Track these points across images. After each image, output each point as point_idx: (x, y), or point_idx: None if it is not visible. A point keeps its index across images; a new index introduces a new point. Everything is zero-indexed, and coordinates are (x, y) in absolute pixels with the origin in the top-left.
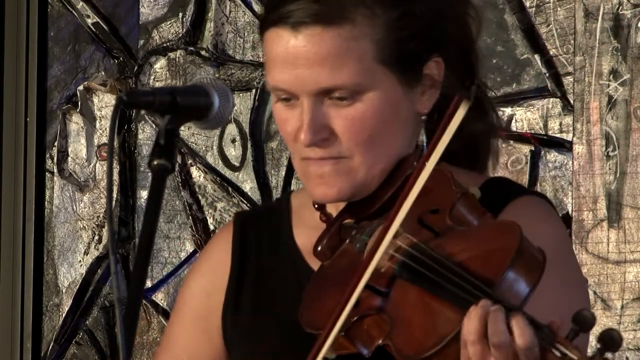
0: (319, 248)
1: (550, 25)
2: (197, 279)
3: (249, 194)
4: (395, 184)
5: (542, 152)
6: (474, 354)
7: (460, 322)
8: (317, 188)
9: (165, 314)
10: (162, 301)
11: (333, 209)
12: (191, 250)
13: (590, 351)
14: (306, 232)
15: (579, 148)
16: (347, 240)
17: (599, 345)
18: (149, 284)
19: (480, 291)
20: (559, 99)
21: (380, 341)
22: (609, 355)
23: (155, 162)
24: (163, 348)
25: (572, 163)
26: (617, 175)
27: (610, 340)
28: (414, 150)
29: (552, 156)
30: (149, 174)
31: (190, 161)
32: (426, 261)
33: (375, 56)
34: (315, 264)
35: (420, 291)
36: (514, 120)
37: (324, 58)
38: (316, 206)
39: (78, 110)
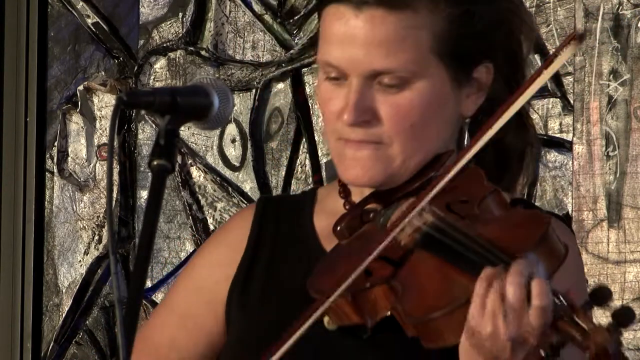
0: (339, 227)
1: (550, 25)
2: (212, 249)
3: (249, 194)
4: (424, 178)
5: (542, 152)
6: (491, 303)
7: (473, 288)
8: (350, 170)
9: None
10: None
11: (358, 199)
12: (191, 250)
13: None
14: (326, 218)
15: (579, 148)
16: (370, 220)
17: (612, 321)
18: (149, 284)
19: (501, 262)
20: (559, 99)
21: (387, 312)
22: (621, 330)
23: (155, 162)
24: (162, 307)
25: (572, 163)
26: (617, 175)
27: (625, 315)
28: (450, 150)
29: (552, 156)
30: (149, 174)
31: (190, 161)
32: (451, 232)
33: (432, 47)
34: (330, 247)
35: (439, 261)
36: None
37: (382, 41)
38: (342, 194)
39: (78, 110)
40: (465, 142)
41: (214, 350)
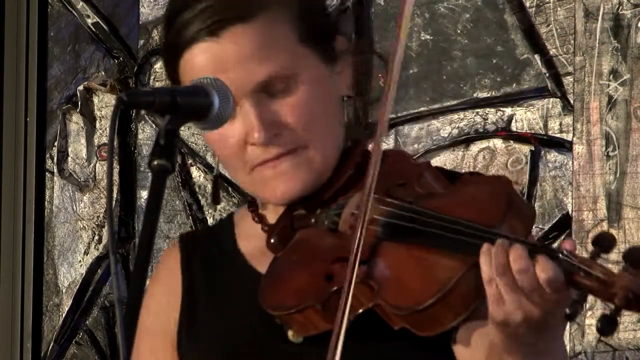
0: (272, 240)
1: (550, 25)
2: (151, 301)
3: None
4: (344, 174)
5: (542, 152)
6: (503, 288)
7: (461, 268)
8: (278, 188)
9: None
10: None
11: (273, 220)
12: None
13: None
14: (249, 241)
15: (579, 148)
16: (306, 227)
17: (625, 263)
18: (148, 284)
19: (484, 232)
20: (559, 99)
21: (367, 305)
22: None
23: (155, 162)
24: None
25: (572, 163)
26: (617, 175)
27: (635, 255)
28: (356, 145)
29: (552, 156)
30: (149, 174)
31: (190, 161)
32: (414, 216)
33: (296, 37)
34: (261, 267)
35: (410, 247)
36: (514, 120)
37: (252, 52)
38: (256, 219)
39: (78, 110)
40: (345, 118)
41: None
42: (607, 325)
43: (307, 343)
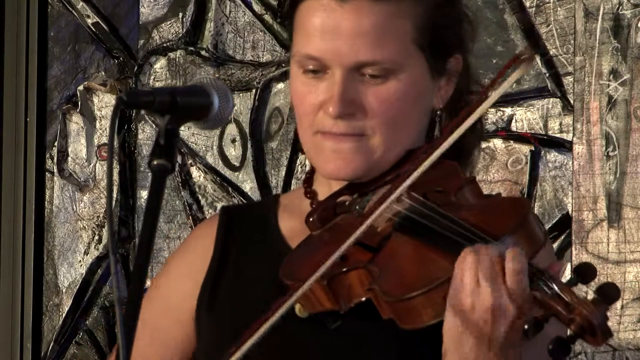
0: (311, 219)
1: (550, 25)
2: (178, 262)
3: (249, 194)
4: (398, 171)
5: (542, 152)
6: (467, 277)
7: (453, 270)
8: (330, 162)
9: None
10: None
11: (323, 197)
12: None
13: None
14: (292, 219)
15: (579, 148)
16: (345, 210)
17: (595, 296)
18: (149, 284)
19: (480, 238)
20: (559, 99)
21: (363, 297)
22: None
23: (155, 162)
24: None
25: (572, 163)
26: (617, 175)
27: (609, 291)
28: (422, 146)
29: (552, 156)
30: (149, 174)
31: (190, 161)
32: (429, 214)
33: (414, 38)
34: None
35: (417, 243)
36: (514, 120)
37: (367, 32)
38: (308, 195)
39: (78, 110)
40: (436, 134)
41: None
42: (559, 348)
43: (312, 320)
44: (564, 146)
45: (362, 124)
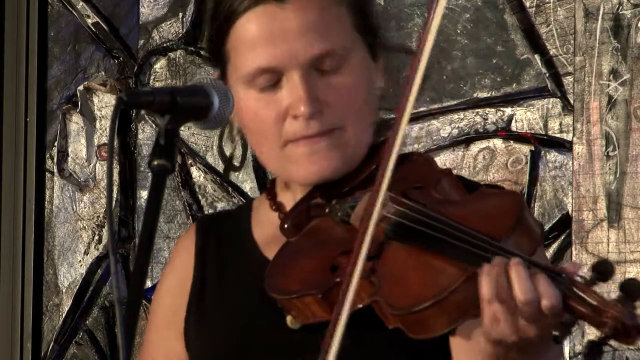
0: (286, 225)
1: (550, 25)
2: (165, 282)
3: (249, 194)
4: (367, 169)
5: (542, 152)
6: (501, 311)
7: (462, 276)
8: (310, 167)
9: None
10: None
11: (290, 206)
12: None
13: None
14: (263, 228)
15: (579, 148)
16: (321, 215)
17: (620, 294)
18: (149, 284)
19: (489, 245)
20: (559, 99)
21: (360, 305)
22: (636, 303)
23: (155, 162)
24: (143, 353)
25: (572, 163)
26: (617, 175)
27: (632, 288)
28: (382, 143)
29: (552, 156)
30: (149, 174)
31: (190, 161)
32: (423, 219)
33: (352, 22)
34: (272, 255)
35: (415, 250)
36: (514, 120)
37: (315, 24)
38: (274, 207)
39: (78, 110)
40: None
41: None
42: (593, 351)
43: (304, 331)
44: (564, 146)
45: (331, 118)
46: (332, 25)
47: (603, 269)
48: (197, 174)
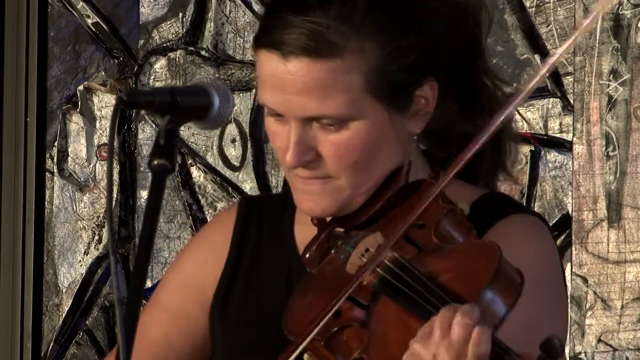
0: (307, 255)
1: (550, 25)
2: (197, 248)
3: (249, 194)
4: (384, 197)
5: (542, 152)
6: (437, 333)
7: None
8: (302, 202)
9: None
10: None
11: None
12: None
13: None
14: (305, 229)
15: (579, 148)
16: (334, 250)
17: (540, 353)
18: (149, 284)
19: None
20: (559, 99)
21: (357, 354)
22: None
23: (155, 162)
24: (152, 306)
25: (572, 163)
26: (617, 175)
27: (552, 347)
28: (405, 164)
29: (552, 156)
30: (149, 174)
31: (190, 161)
32: (404, 278)
33: (364, 87)
34: None
35: (398, 308)
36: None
37: (311, 88)
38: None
39: (78, 110)
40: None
41: (207, 348)
42: None
43: None
44: (564, 146)
45: (323, 168)
46: (331, 92)
47: (550, 349)
48: (197, 174)
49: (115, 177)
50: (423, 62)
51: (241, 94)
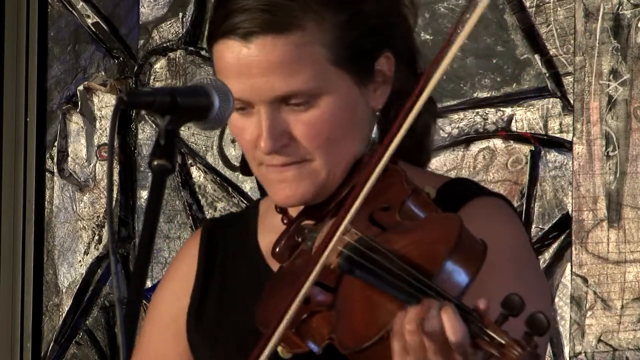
0: (277, 249)
1: (550, 25)
2: (167, 284)
3: (249, 194)
4: (349, 186)
5: (542, 152)
6: (411, 342)
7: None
8: (279, 192)
9: None
10: None
11: (294, 212)
12: None
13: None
14: (269, 236)
15: (579, 148)
16: (301, 239)
17: (526, 329)
18: (149, 284)
19: (418, 282)
20: (559, 99)
21: (326, 337)
22: (536, 338)
23: (155, 162)
24: (135, 354)
25: (572, 163)
26: (617, 175)
27: (537, 323)
28: (368, 149)
29: (552, 156)
30: (149, 174)
31: (190, 161)
32: (367, 253)
33: (329, 58)
34: (275, 266)
35: (363, 285)
36: (514, 120)
37: (277, 66)
38: (278, 209)
39: (78, 110)
40: (374, 135)
41: None
42: None
43: (297, 359)
44: (564, 146)
45: (297, 151)
46: (297, 67)
47: (511, 305)
48: (197, 174)
49: (115, 177)
50: (378, 30)
51: None
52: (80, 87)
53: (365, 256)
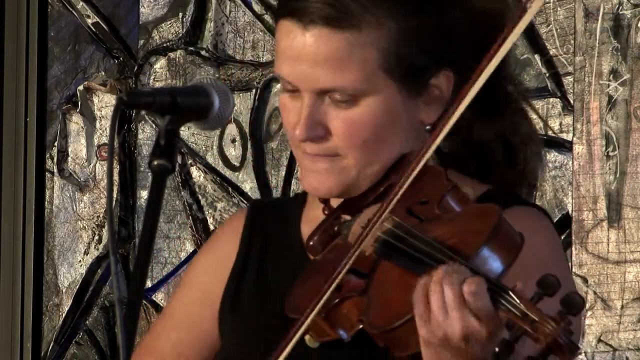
0: (311, 242)
1: (550, 25)
2: (206, 256)
3: (249, 194)
4: (388, 182)
5: (542, 152)
6: (433, 299)
7: None
8: (308, 181)
9: None
10: (162, 301)
11: (336, 203)
12: (191, 250)
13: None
14: (312, 224)
15: (579, 148)
16: (337, 228)
17: (560, 308)
18: (149, 284)
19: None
20: (559, 99)
21: (356, 320)
22: (570, 317)
23: (156, 162)
24: (164, 317)
25: (572, 163)
26: (617, 175)
27: (572, 302)
28: (413, 151)
29: (552, 156)
30: (149, 174)
31: (190, 161)
32: (405, 237)
33: (379, 64)
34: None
35: (399, 269)
36: None
37: (326, 59)
38: (321, 199)
39: (78, 110)
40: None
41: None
42: (506, 351)
43: (325, 347)
44: (564, 146)
45: (331, 145)
46: (346, 65)
47: (547, 285)
48: (197, 174)
49: (115, 177)
50: (440, 48)
51: (241, 94)
52: (80, 87)
53: (403, 240)
